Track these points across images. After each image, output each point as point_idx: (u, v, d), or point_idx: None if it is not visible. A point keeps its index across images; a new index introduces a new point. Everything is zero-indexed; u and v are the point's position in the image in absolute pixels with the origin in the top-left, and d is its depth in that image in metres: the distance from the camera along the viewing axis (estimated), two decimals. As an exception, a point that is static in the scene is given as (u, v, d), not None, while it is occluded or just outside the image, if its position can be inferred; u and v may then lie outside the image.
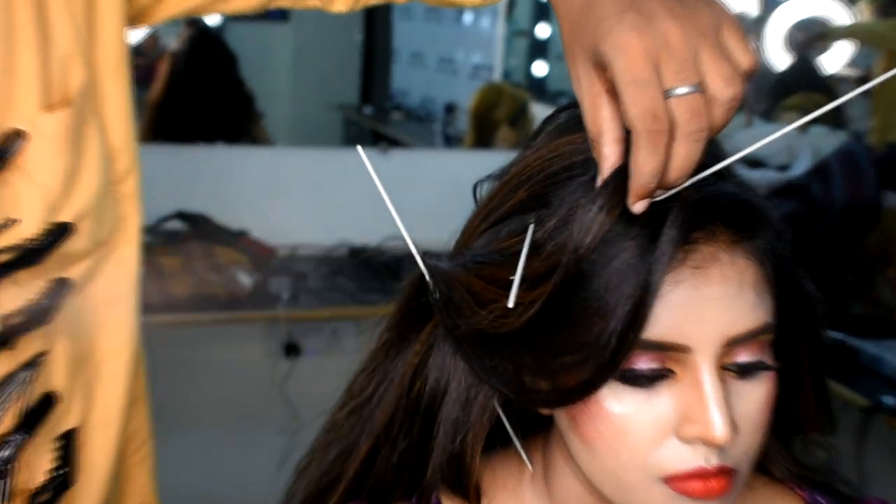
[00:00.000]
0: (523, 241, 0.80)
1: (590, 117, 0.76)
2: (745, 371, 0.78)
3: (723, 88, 0.72)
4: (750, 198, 0.78)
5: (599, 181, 0.76)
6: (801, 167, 3.36)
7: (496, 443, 0.89)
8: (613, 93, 0.74)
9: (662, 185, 0.73)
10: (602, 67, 0.74)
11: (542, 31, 5.31)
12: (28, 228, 0.94)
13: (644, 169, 0.72)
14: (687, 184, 0.74)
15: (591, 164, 0.78)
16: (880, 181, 3.12)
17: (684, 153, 0.72)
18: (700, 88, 0.71)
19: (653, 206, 0.74)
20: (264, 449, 3.11)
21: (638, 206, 0.74)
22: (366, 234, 3.44)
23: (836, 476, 0.96)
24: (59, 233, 0.95)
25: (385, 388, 0.90)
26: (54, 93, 0.96)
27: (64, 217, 0.96)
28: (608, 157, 0.75)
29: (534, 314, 0.77)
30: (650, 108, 0.70)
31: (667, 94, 0.71)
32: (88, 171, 0.99)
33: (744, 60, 0.73)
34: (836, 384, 2.52)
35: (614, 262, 0.74)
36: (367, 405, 0.91)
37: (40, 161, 0.94)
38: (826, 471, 0.95)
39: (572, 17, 0.78)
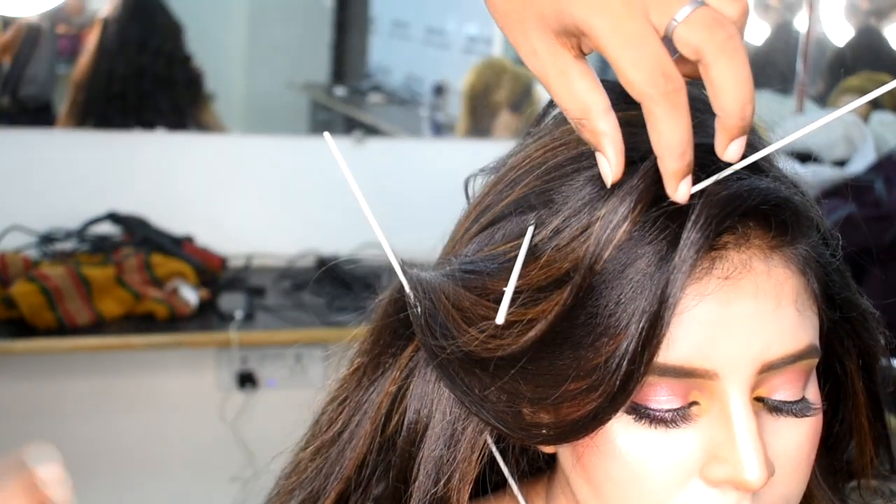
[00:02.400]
0: (520, 246, 0.81)
1: (564, 95, 0.75)
2: (783, 409, 0.80)
3: (727, 2, 0.72)
4: (790, 195, 0.79)
5: (606, 172, 0.75)
6: (862, 162, 3.37)
7: (487, 487, 0.90)
8: (581, 57, 0.75)
9: (729, 127, 0.72)
10: (568, 35, 0.74)
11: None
12: None
13: (673, 140, 0.71)
14: (713, 179, 0.75)
15: (601, 155, 0.79)
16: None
17: (729, 72, 0.70)
18: (703, 3, 0.71)
19: (674, 206, 0.75)
20: (214, 499, 3.12)
21: (682, 191, 0.73)
22: (337, 241, 3.45)
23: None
24: None
25: (357, 423, 0.91)
26: None
27: None
28: (606, 133, 0.74)
29: (536, 337, 0.78)
30: (657, 67, 0.70)
31: (668, 33, 0.71)
32: None
33: None
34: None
35: (627, 272, 0.75)
36: (335, 443, 0.92)
37: None
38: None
39: None
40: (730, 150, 0.73)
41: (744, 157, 0.76)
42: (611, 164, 0.75)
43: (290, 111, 5.56)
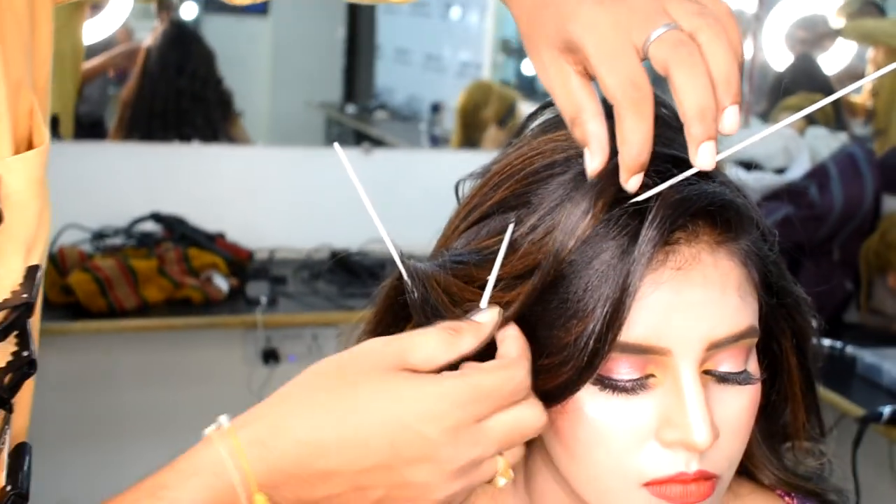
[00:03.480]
0: (502, 240, 0.81)
1: (564, 98, 0.76)
2: (727, 378, 0.80)
3: (696, 18, 0.72)
4: (734, 198, 0.79)
5: (590, 166, 0.75)
6: (798, 170, 3.37)
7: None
8: (584, 74, 0.75)
9: (692, 134, 0.71)
10: (569, 51, 0.75)
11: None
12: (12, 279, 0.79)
13: (632, 139, 0.72)
14: (668, 183, 0.75)
15: (572, 163, 0.79)
16: (880, 185, 3.13)
17: (687, 81, 0.71)
18: (675, 27, 0.72)
19: (634, 206, 0.75)
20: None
21: (632, 183, 0.74)
22: (347, 237, 3.44)
23: (827, 485, 0.97)
24: (33, 277, 0.79)
25: (362, 393, 0.90)
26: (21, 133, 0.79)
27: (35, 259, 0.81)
28: (594, 133, 0.75)
29: (510, 316, 0.78)
30: (628, 76, 0.71)
31: (645, 48, 0.72)
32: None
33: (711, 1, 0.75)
34: (833, 393, 2.53)
35: (594, 263, 0.75)
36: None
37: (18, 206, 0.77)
38: (816, 479, 0.96)
39: (529, 6, 0.80)
40: (698, 156, 0.72)
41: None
42: (594, 160, 0.75)
43: (308, 126, 5.57)
